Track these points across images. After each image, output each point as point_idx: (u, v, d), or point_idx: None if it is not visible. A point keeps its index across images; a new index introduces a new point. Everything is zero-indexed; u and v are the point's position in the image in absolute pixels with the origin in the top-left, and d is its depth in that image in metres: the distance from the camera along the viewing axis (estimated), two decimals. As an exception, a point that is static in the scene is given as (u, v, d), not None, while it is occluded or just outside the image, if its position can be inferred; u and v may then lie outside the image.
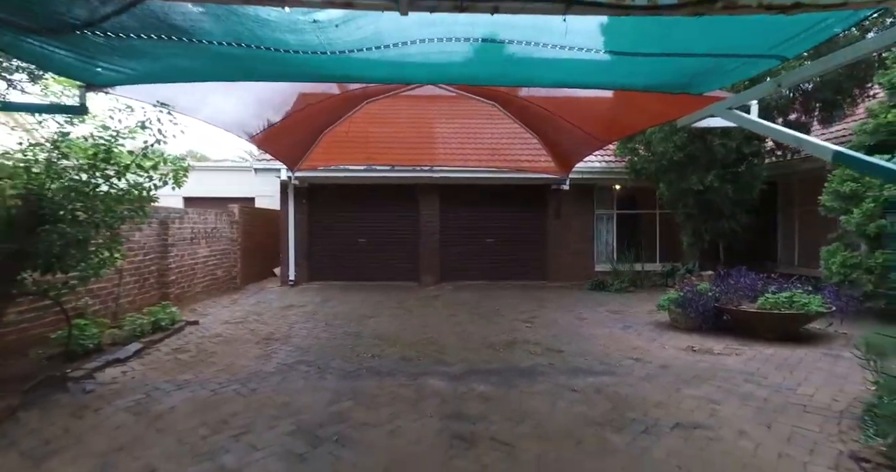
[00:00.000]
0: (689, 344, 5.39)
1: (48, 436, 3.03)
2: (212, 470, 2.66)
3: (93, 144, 3.97)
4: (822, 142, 2.74)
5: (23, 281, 3.81)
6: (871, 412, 2.90)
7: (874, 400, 2.98)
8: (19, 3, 2.20)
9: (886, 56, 5.77)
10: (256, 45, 2.84)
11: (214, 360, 4.83)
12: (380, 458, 2.81)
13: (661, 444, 2.96)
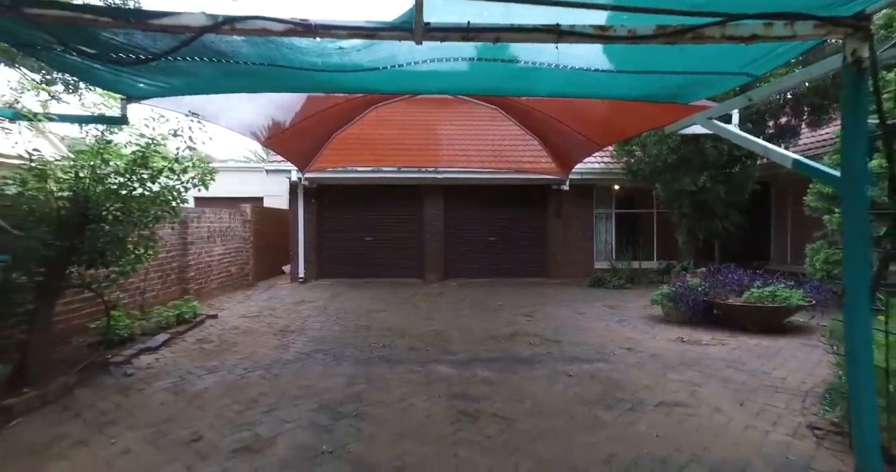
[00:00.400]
0: (680, 336, 5.75)
1: (103, 409, 3.43)
2: (249, 438, 3.05)
3: (131, 151, 4.36)
4: (784, 151, 3.11)
5: (70, 275, 4.21)
6: (831, 390, 3.27)
7: (835, 380, 3.34)
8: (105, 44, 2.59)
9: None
10: (287, 65, 3.23)
11: (237, 349, 5.23)
12: (395, 429, 3.20)
13: (644, 419, 3.34)
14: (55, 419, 3.25)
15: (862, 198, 2.58)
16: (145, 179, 4.51)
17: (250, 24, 2.50)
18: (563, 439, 3.05)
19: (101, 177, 4.28)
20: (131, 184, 4.43)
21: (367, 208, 11.15)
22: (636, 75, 3.62)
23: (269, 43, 2.89)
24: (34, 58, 3.26)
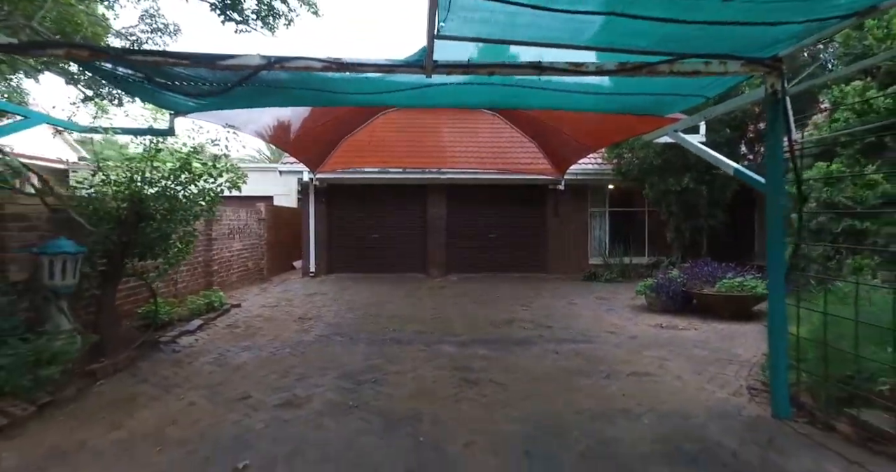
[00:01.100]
0: (659, 322, 6.41)
1: (164, 376, 4.12)
2: (289, 396, 3.72)
3: (177, 158, 5.03)
4: (728, 160, 3.77)
5: (126, 266, 4.89)
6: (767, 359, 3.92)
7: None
8: (176, 76, 3.26)
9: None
10: (321, 89, 3.89)
11: (263, 333, 5.90)
12: (408, 391, 3.86)
13: (616, 384, 4.00)
14: (129, 383, 3.94)
15: (779, 199, 3.26)
16: (187, 182, 5.18)
17: (295, 63, 3.18)
18: (547, 397, 3.72)
19: (151, 181, 4.95)
20: (176, 186, 5.10)
21: (375, 207, 11.82)
22: (612, 96, 4.28)
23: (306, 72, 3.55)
24: (117, 88, 3.90)
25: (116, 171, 4.90)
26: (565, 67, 3.22)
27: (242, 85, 3.72)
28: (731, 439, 2.91)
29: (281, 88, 3.87)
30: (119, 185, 4.83)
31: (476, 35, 2.95)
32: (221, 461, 2.67)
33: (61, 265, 3.87)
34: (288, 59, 3.15)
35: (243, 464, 2.63)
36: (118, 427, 3.09)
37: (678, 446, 2.84)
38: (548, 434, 3.04)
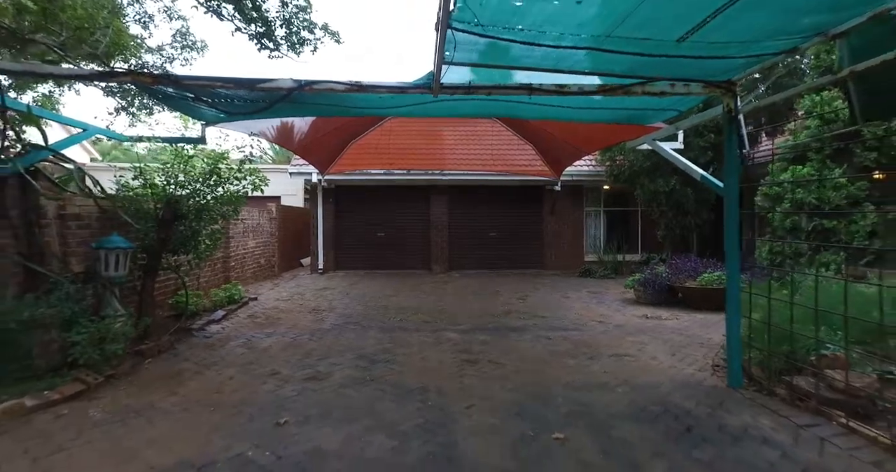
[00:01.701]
0: (644, 313, 6.97)
1: (201, 356, 4.69)
2: (313, 372, 4.28)
3: (207, 163, 5.59)
4: (696, 167, 4.32)
5: (162, 260, 5.45)
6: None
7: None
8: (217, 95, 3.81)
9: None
10: (338, 104, 4.45)
11: (282, 322, 6.47)
12: (416, 369, 4.43)
13: (598, 363, 4.56)
14: (172, 361, 4.51)
15: (735, 201, 3.82)
16: (216, 184, 5.74)
17: (321, 86, 3.75)
18: (537, 373, 4.28)
19: (183, 184, 5.52)
20: (206, 189, 5.66)
21: (380, 207, 12.38)
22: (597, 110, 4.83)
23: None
24: (161, 103, 4.44)
25: (154, 175, 5.46)
26: (552, 88, 3.78)
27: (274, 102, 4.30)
28: (689, 402, 3.47)
29: (303, 103, 4.42)
30: (155, 187, 5.39)
31: (475, 62, 3.51)
32: (264, 418, 3.24)
33: (115, 259, 4.44)
34: (315, 82, 3.71)
35: (283, 420, 3.20)
36: (174, 394, 3.67)
37: (643, 407, 3.41)
38: (536, 400, 3.60)
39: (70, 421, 3.12)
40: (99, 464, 2.59)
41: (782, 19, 2.68)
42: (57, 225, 4.41)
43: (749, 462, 2.59)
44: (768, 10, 2.55)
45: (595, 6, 2.53)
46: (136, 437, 2.93)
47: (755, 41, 2.94)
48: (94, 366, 3.80)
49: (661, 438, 2.92)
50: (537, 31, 2.82)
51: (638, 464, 2.60)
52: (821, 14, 2.59)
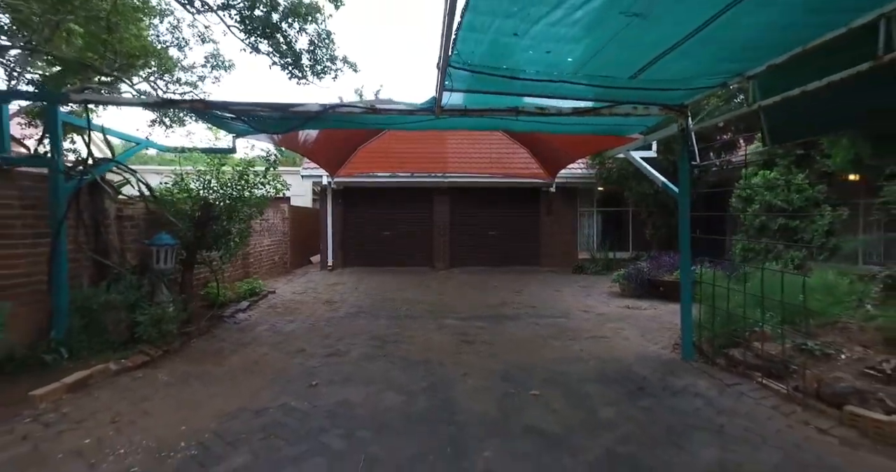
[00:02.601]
0: (626, 304, 7.70)
1: (236, 338, 5.46)
2: (333, 350, 5.04)
3: (237, 171, 6.35)
4: (659, 176, 5.05)
5: (198, 256, 6.22)
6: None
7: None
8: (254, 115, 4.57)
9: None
10: (353, 121, 5.20)
11: (300, 312, 7.23)
12: (421, 348, 5.18)
13: (578, 343, 5.31)
14: (212, 342, 5.28)
15: (687, 204, 4.55)
16: (243, 189, 6.51)
17: (343, 109, 4.52)
18: (524, 351, 5.03)
19: (216, 188, 6.29)
20: (235, 192, 6.43)
21: (385, 208, 13.14)
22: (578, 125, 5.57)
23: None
24: (202, 120, 5.18)
25: (190, 180, 6.24)
26: (534, 110, 4.53)
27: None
28: (646, 370, 4.22)
29: (326, 121, 5.18)
30: (192, 192, 6.17)
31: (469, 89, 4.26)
32: (298, 382, 4.00)
33: (164, 254, 5.21)
34: (338, 105, 4.48)
35: (314, 382, 3.97)
36: (220, 365, 4.44)
37: (608, 374, 4.15)
38: (521, 370, 4.35)
39: (145, 382, 3.90)
40: (178, 409, 3.36)
41: (709, 65, 3.42)
42: (116, 225, 5.19)
43: (679, 408, 3.34)
44: (696, 59, 3.29)
45: (561, 55, 3.27)
46: (200, 393, 3.70)
47: (692, 78, 3.68)
48: (153, 342, 4.57)
49: (617, 394, 3.67)
50: (518, 69, 3.57)
51: (594, 410, 3.35)
52: (735, 62, 3.33)
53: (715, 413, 3.27)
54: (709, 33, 2.84)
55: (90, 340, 4.21)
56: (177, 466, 2.57)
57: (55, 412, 3.21)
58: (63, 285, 4.13)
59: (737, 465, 2.56)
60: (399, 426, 3.14)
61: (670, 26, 2.76)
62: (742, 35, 2.90)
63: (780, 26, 2.77)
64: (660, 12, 2.58)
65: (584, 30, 2.87)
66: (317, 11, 4.92)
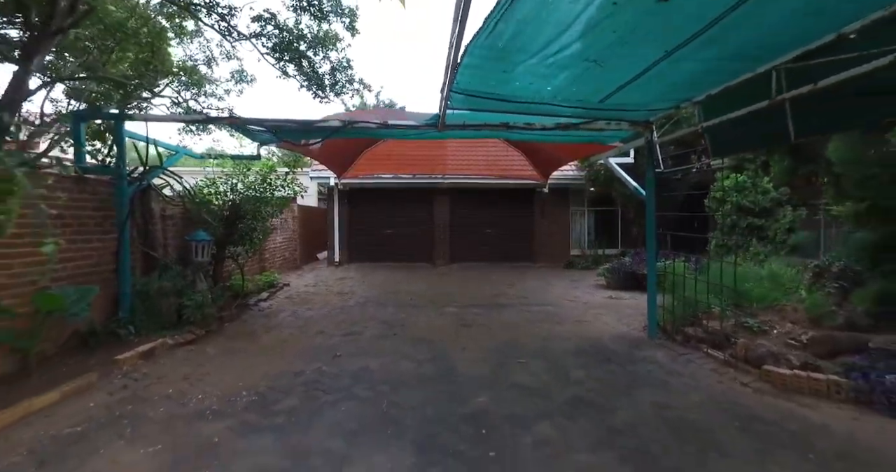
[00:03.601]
0: (610, 295, 8.51)
1: (263, 323, 6.24)
2: (349, 331, 5.83)
3: (261, 175, 7.13)
4: (632, 181, 5.85)
5: (226, 251, 7.01)
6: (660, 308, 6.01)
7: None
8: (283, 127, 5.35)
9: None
10: (372, 133, 5.98)
11: (315, 301, 8.02)
12: (425, 329, 5.97)
13: (561, 326, 6.10)
14: (244, 325, 6.07)
15: (653, 205, 5.33)
16: (266, 191, 7.29)
17: (360, 125, 5.30)
18: (514, 332, 5.82)
19: (241, 191, 7.07)
20: (259, 194, 7.21)
21: (389, 207, 13.92)
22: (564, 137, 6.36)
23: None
24: (240, 132, 5.95)
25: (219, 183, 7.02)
26: (522, 125, 5.33)
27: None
28: (616, 345, 5.02)
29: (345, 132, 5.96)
30: (220, 194, 6.95)
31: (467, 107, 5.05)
32: (324, 354, 4.79)
33: (201, 248, 5.99)
34: (356, 121, 5.26)
35: (338, 354, 4.76)
36: (255, 343, 5.23)
37: (583, 348, 4.96)
38: (511, 347, 5.15)
39: (197, 354, 4.69)
40: (231, 372, 4.15)
41: (662, 94, 4.22)
42: (160, 223, 5.96)
43: (636, 371, 4.15)
44: (650, 89, 4.08)
45: (541, 85, 4.06)
46: (245, 362, 4.49)
47: (650, 102, 4.48)
48: (196, 324, 5.36)
49: (588, 361, 4.48)
50: (507, 95, 4.36)
51: (567, 372, 4.16)
52: (683, 92, 4.13)
53: (664, 374, 4.08)
54: (656, 72, 3.63)
55: (148, 320, 4.99)
56: (245, 405, 3.36)
57: (137, 372, 4.00)
58: (127, 274, 4.92)
59: (666, 404, 3.37)
60: (411, 383, 3.94)
61: (623, 70, 3.56)
62: (683, 74, 3.69)
63: (709, 70, 3.56)
64: (613, 61, 3.37)
65: (557, 69, 3.65)
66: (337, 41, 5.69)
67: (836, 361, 3.68)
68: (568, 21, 2.79)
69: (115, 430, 2.96)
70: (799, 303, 4.97)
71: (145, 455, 2.67)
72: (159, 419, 3.15)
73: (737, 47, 3.05)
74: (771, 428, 3.01)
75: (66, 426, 3.00)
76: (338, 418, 3.22)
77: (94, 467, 2.54)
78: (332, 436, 2.93)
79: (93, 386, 3.66)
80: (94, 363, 4.08)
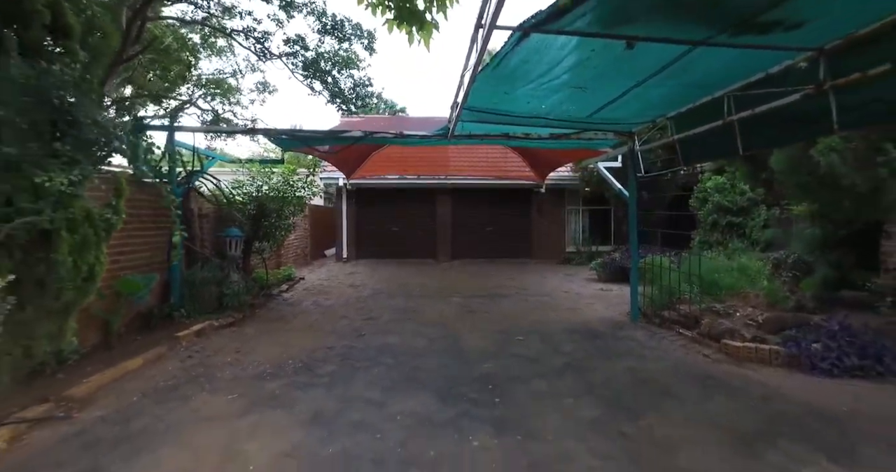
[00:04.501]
0: (600, 287, 9.28)
1: (288, 310, 6.99)
2: (369, 317, 6.57)
3: (283, 177, 7.86)
4: (616, 183, 6.60)
5: (253, 246, 7.74)
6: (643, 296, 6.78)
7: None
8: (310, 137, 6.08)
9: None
10: (388, 141, 6.72)
11: (332, 293, 8.76)
12: (434, 314, 6.72)
13: (555, 312, 6.86)
14: (273, 312, 6.81)
15: (635, 206, 6.08)
16: (288, 190, 8.03)
17: (378, 135, 6.03)
18: (514, 317, 6.58)
19: (265, 191, 7.80)
20: (282, 194, 7.95)
21: (394, 206, 14.66)
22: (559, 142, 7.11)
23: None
24: (274, 143, 6.67)
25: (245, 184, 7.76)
26: (521, 136, 6.08)
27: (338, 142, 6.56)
28: (602, 327, 5.79)
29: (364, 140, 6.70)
30: (248, 194, 7.69)
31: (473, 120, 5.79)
32: (350, 334, 5.54)
33: (234, 243, 6.73)
34: (375, 133, 6.00)
35: (362, 334, 5.51)
36: (286, 326, 5.97)
37: (575, 329, 5.72)
38: (510, 327, 5.90)
39: (239, 333, 5.43)
40: (274, 347, 4.89)
41: (640, 111, 4.97)
42: (197, 221, 6.70)
43: (617, 345, 4.92)
44: (629, 107, 4.83)
45: (537, 104, 4.80)
46: (283, 340, 5.23)
47: (631, 117, 5.23)
48: (234, 310, 6.10)
49: (577, 338, 5.24)
50: (508, 111, 5.11)
51: (559, 346, 4.92)
52: (657, 109, 4.89)
53: (640, 348, 4.84)
54: (632, 95, 4.38)
55: (193, 305, 5.73)
56: (293, 370, 4.12)
57: (195, 346, 4.75)
58: (176, 265, 5.65)
59: (637, 368, 4.13)
60: (427, 354, 4.70)
61: (604, 94, 4.31)
62: (654, 97, 4.44)
63: (675, 94, 4.32)
64: (595, 88, 4.13)
65: (550, 92, 4.40)
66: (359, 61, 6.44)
67: (780, 335, 4.44)
68: (557, 60, 3.54)
69: (196, 385, 3.71)
70: (761, 290, 5.74)
71: (227, 400, 3.41)
72: (227, 378, 3.90)
73: (692, 80, 3.80)
74: (718, 383, 3.77)
75: (159, 381, 3.75)
76: (371, 378, 3.97)
77: (193, 406, 3.28)
78: (370, 389, 3.69)
79: (164, 356, 4.41)
80: (158, 339, 4.82)
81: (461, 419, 3.15)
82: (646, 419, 3.12)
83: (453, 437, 2.89)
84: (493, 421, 3.11)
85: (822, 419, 3.08)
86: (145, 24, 4.84)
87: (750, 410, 3.26)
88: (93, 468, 2.48)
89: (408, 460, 2.61)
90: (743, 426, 3.01)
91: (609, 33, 2.98)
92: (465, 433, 2.93)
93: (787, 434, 2.87)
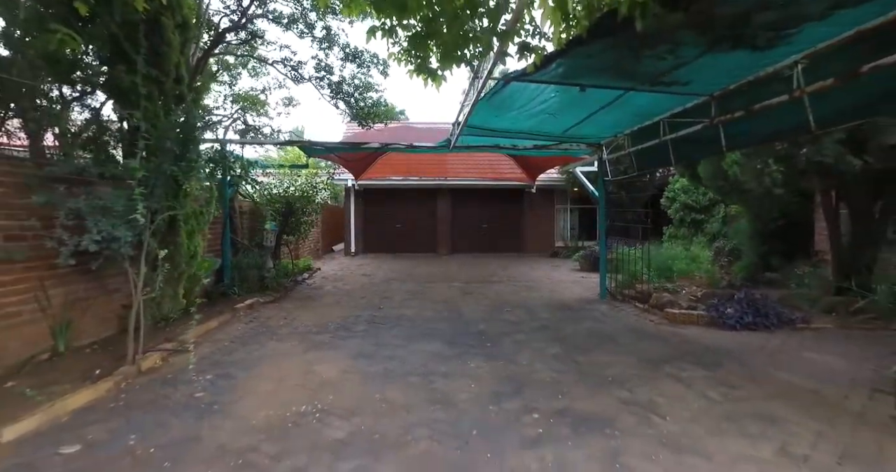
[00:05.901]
0: (581, 275, 10.60)
1: (314, 293, 8.26)
2: (384, 297, 7.85)
3: (306, 179, 9.13)
4: (591, 186, 7.91)
5: (282, 239, 9.00)
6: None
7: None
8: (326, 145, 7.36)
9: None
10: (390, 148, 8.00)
11: (347, 280, 10.04)
12: (439, 296, 8.01)
13: (539, 294, 8.17)
14: (302, 294, 8.08)
15: (604, 205, 7.40)
16: (312, 191, 9.29)
17: (394, 146, 7.34)
18: (505, 297, 7.88)
19: (292, 192, 9.06)
20: (306, 194, 9.21)
21: (398, 205, 15.94)
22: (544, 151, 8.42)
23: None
24: (302, 150, 7.91)
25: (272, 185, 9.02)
26: (509, 147, 7.38)
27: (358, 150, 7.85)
28: (576, 304, 7.10)
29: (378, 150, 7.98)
30: (278, 194, 8.95)
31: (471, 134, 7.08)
32: (371, 308, 6.82)
33: (270, 235, 7.99)
34: (391, 143, 7.28)
35: (381, 307, 6.80)
36: (318, 302, 7.25)
37: (552, 304, 7.03)
38: (501, 303, 7.20)
39: (281, 307, 6.71)
40: (312, 316, 6.17)
41: (602, 129, 6.28)
42: (239, 216, 7.96)
43: (584, 315, 6.23)
44: (594, 126, 6.13)
45: (520, 124, 6.09)
46: (318, 311, 6.51)
47: (597, 133, 6.54)
48: (272, 290, 7.37)
49: (553, 310, 6.55)
50: (498, 128, 6.40)
51: (538, 315, 6.23)
52: (615, 128, 6.19)
53: (601, 315, 6.16)
54: (592, 119, 5.69)
55: (241, 286, 7.01)
56: (334, 328, 5.41)
57: (251, 315, 6.04)
58: (228, 252, 6.93)
59: (595, 328, 5.45)
60: (436, 319, 5.99)
61: (570, 118, 5.61)
62: (609, 120, 5.75)
63: (624, 119, 5.63)
64: (563, 115, 5.43)
65: (530, 117, 5.70)
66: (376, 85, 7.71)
67: (706, 304, 5.77)
68: (532, 97, 4.84)
69: (265, 336, 5.00)
70: (705, 273, 7.07)
71: (291, 345, 4.70)
72: (285, 333, 5.19)
73: (632, 111, 5.12)
74: (652, 336, 5.09)
75: (237, 335, 5.04)
76: (394, 333, 5.27)
77: (269, 347, 4.58)
78: (395, 339, 4.98)
79: (230, 321, 5.69)
80: (221, 310, 6.10)
81: (463, 354, 4.45)
82: (592, 354, 4.43)
83: (457, 362, 4.19)
84: (485, 355, 4.41)
85: (710, 351, 4.42)
86: (209, 60, 6.01)
87: (667, 348, 4.58)
88: (226, 374, 3.77)
89: (427, 373, 3.91)
90: (657, 356, 4.33)
91: (565, 82, 4.28)
92: (466, 360, 4.23)
93: (683, 358, 4.20)
